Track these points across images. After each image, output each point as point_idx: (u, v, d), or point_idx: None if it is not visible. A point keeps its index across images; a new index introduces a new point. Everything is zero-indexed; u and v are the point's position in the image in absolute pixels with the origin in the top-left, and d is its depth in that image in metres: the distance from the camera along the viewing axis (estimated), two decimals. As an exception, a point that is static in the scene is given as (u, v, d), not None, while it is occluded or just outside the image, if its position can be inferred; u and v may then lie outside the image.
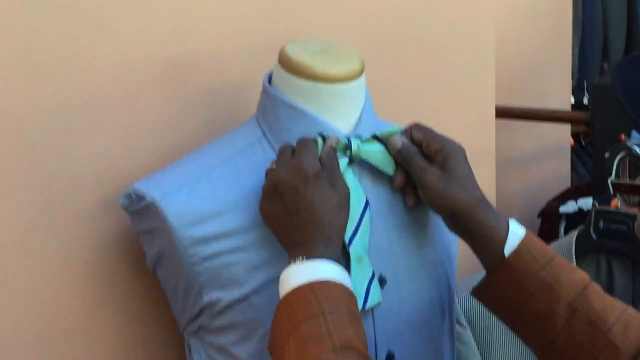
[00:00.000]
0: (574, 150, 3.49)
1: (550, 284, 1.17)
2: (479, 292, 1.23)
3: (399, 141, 1.23)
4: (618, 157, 0.93)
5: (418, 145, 1.24)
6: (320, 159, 1.17)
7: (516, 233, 1.19)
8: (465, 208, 1.20)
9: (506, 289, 1.18)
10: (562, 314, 1.16)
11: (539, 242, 1.21)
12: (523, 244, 1.18)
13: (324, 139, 1.20)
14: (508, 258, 1.18)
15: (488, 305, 1.24)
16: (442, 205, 1.21)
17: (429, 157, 1.23)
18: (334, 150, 1.19)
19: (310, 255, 1.11)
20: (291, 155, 1.17)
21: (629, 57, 1.00)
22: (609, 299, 1.19)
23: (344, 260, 1.17)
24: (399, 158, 1.23)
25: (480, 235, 1.20)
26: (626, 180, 0.93)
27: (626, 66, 0.98)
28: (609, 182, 0.86)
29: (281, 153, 1.19)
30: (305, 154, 1.16)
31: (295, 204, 1.13)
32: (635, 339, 1.15)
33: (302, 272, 1.10)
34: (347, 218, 1.17)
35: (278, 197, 1.14)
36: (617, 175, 0.93)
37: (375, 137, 1.24)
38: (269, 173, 1.17)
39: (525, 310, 1.18)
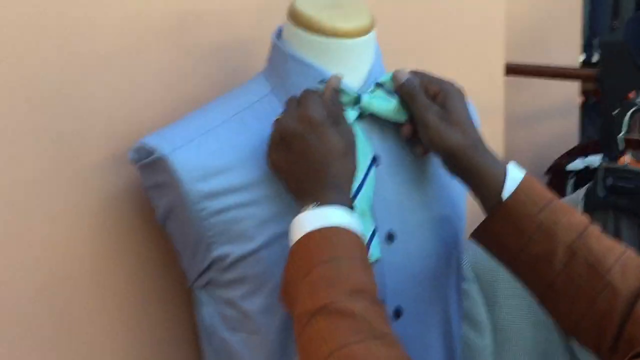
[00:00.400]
0: (583, 108, 3.47)
1: (549, 227, 1.17)
2: (478, 235, 1.23)
3: (404, 74, 1.24)
4: (629, 113, 0.92)
5: None
6: (326, 106, 1.17)
7: (514, 177, 1.19)
8: (463, 150, 1.20)
9: (504, 233, 1.19)
10: (561, 257, 1.16)
11: (538, 185, 1.21)
12: (521, 187, 1.18)
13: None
14: (505, 201, 1.18)
15: (487, 248, 1.24)
16: (440, 145, 1.21)
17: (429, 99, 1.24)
18: (337, 91, 1.19)
19: (321, 202, 1.12)
20: (297, 105, 1.17)
21: None
22: (608, 241, 1.19)
23: None
24: (402, 92, 1.23)
25: (478, 178, 1.20)
26: (637, 135, 0.92)
27: (639, 21, 0.97)
28: (619, 138, 0.85)
29: (287, 104, 1.18)
30: (310, 103, 1.15)
31: (302, 152, 1.13)
32: (634, 280, 1.15)
33: (313, 219, 1.10)
34: (355, 164, 1.17)
35: (285, 146, 1.14)
36: (627, 132, 0.92)
37: (378, 85, 1.24)
38: (275, 123, 1.17)
39: (524, 253, 1.18)
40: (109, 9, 1.24)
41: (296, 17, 1.24)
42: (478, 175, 1.20)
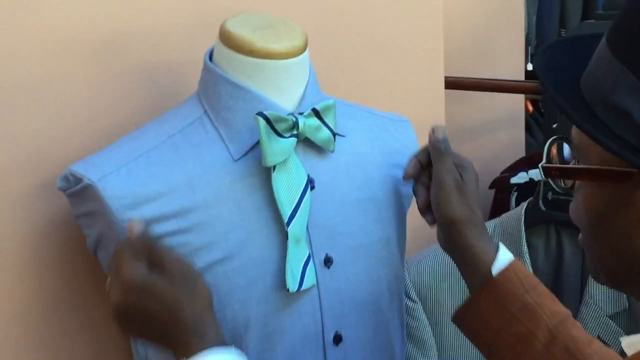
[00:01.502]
0: (532, 116, 3.48)
1: (533, 308, 1.17)
2: (461, 314, 1.23)
3: (442, 131, 1.24)
4: (548, 142, 0.92)
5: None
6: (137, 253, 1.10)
7: (505, 256, 1.21)
8: (464, 222, 1.21)
9: (489, 309, 1.19)
10: (542, 339, 1.16)
11: (525, 269, 1.22)
12: (511, 266, 1.19)
13: (265, 118, 1.16)
14: (495, 276, 1.18)
15: (467, 328, 1.23)
16: (446, 212, 1.22)
17: None
18: (143, 232, 1.11)
19: (190, 352, 1.06)
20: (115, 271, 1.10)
21: (556, 40, 0.99)
22: (586, 334, 1.19)
23: (283, 239, 1.16)
24: (435, 147, 1.24)
25: (471, 252, 1.21)
26: (556, 164, 0.91)
27: (552, 50, 0.96)
28: (540, 166, 0.85)
29: (109, 268, 1.12)
30: (123, 265, 1.08)
31: (144, 319, 1.08)
32: None
33: None
34: (204, 296, 1.10)
35: (124, 319, 1.09)
36: (548, 160, 0.92)
37: (315, 112, 1.21)
38: (108, 294, 1.11)
39: (506, 332, 1.18)
40: (34, 37, 1.21)
41: (227, 38, 1.21)
42: (472, 249, 1.21)
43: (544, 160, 0.93)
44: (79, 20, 1.26)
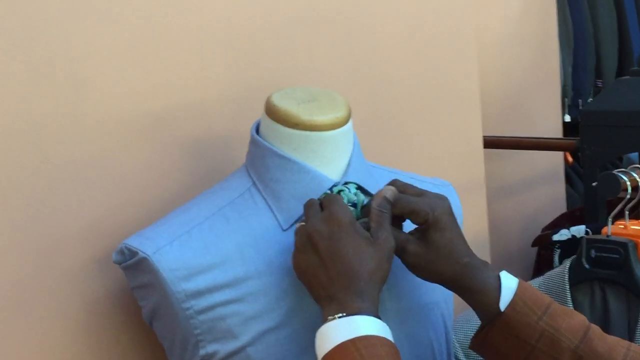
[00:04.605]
0: (572, 168, 3.48)
1: (551, 334, 1.15)
2: (477, 346, 1.22)
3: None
4: None
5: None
6: (370, 209, 1.16)
7: (509, 285, 1.18)
8: (450, 280, 1.19)
9: (506, 344, 1.17)
10: None
11: (533, 292, 1.19)
12: (517, 296, 1.17)
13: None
14: (504, 312, 1.17)
15: (487, 356, 1.22)
16: (428, 279, 1.21)
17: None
18: (388, 201, 1.17)
19: (348, 310, 1.08)
20: (320, 208, 1.16)
21: None
22: (611, 340, 1.18)
23: None
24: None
25: (472, 299, 1.20)
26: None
27: None
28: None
29: (309, 207, 1.17)
30: (336, 205, 1.14)
31: (329, 254, 1.11)
32: None
33: (342, 329, 1.07)
34: (385, 271, 1.14)
35: (312, 248, 1.12)
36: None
37: (361, 189, 1.24)
38: (300, 229, 1.15)
39: None
40: (83, 112, 1.25)
41: (273, 112, 1.25)
42: (471, 295, 1.19)
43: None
44: (128, 97, 1.31)
